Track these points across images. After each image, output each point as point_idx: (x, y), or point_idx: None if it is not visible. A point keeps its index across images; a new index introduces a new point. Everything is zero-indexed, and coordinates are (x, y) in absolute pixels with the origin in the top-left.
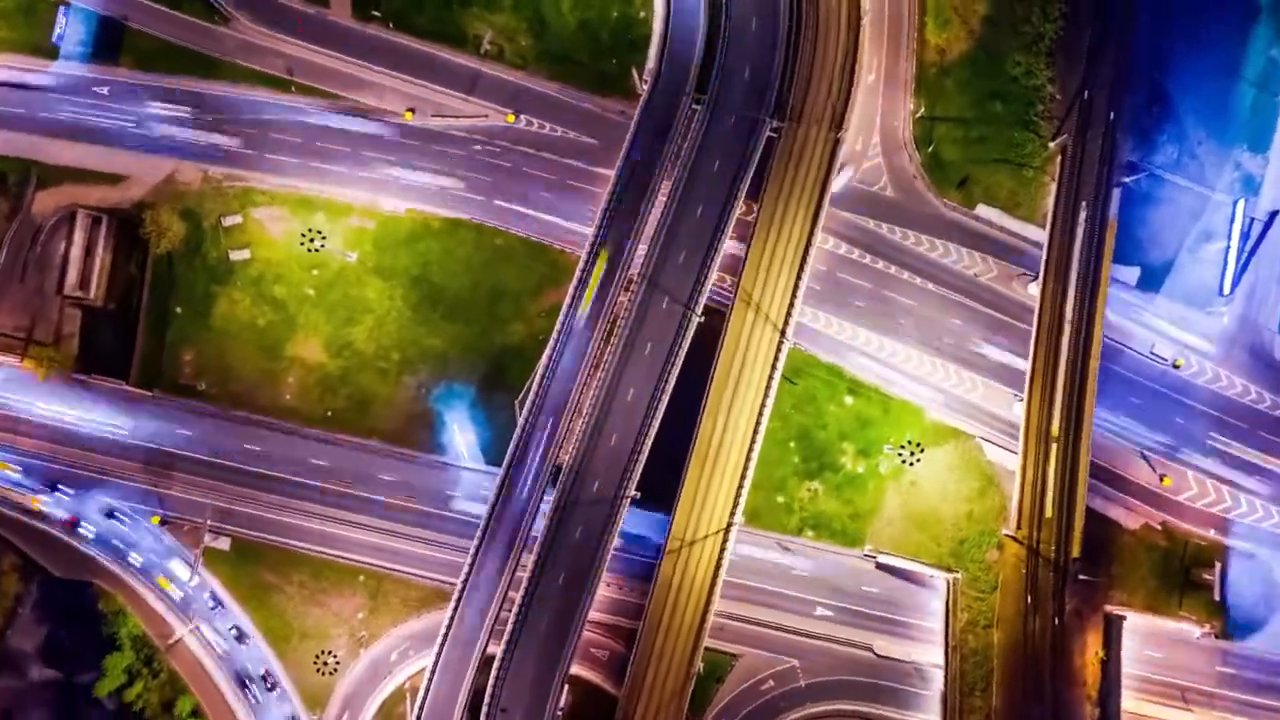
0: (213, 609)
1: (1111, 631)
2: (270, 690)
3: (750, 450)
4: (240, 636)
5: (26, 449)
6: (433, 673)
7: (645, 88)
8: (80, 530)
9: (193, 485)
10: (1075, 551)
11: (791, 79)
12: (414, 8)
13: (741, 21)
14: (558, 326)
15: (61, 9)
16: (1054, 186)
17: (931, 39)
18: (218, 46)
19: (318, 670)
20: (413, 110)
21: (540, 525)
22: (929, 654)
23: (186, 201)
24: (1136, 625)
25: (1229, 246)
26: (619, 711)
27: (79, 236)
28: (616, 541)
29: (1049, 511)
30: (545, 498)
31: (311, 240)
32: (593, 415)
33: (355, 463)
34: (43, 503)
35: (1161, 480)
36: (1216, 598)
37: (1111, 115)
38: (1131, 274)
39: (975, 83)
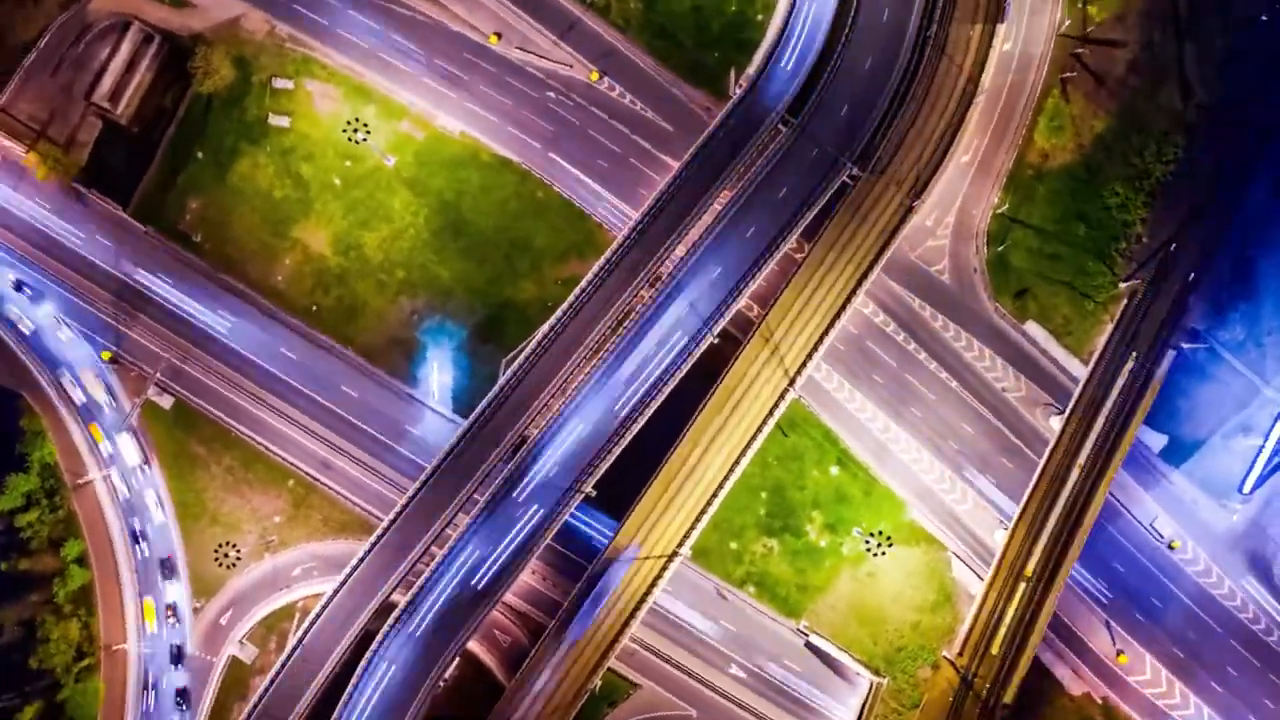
0: (135, 465)
1: None
2: (164, 563)
3: (721, 487)
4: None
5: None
6: (329, 601)
7: (738, 91)
8: (27, 338)
9: (153, 333)
10: (1009, 697)
11: (886, 131)
12: None
13: (856, 57)
14: (570, 299)
15: None
16: (1110, 327)
17: (1039, 140)
18: None
19: (216, 559)
20: (499, 35)
21: (486, 492)
22: None
23: (244, 50)
24: None
25: (1263, 447)
26: (501, 703)
27: (125, 48)
28: (552, 535)
29: (995, 648)
30: (500, 466)
31: (355, 130)
32: (576, 400)
33: (323, 366)
34: None
35: (1118, 655)
36: None
37: (1191, 276)
38: (1158, 441)
39: (1067, 198)
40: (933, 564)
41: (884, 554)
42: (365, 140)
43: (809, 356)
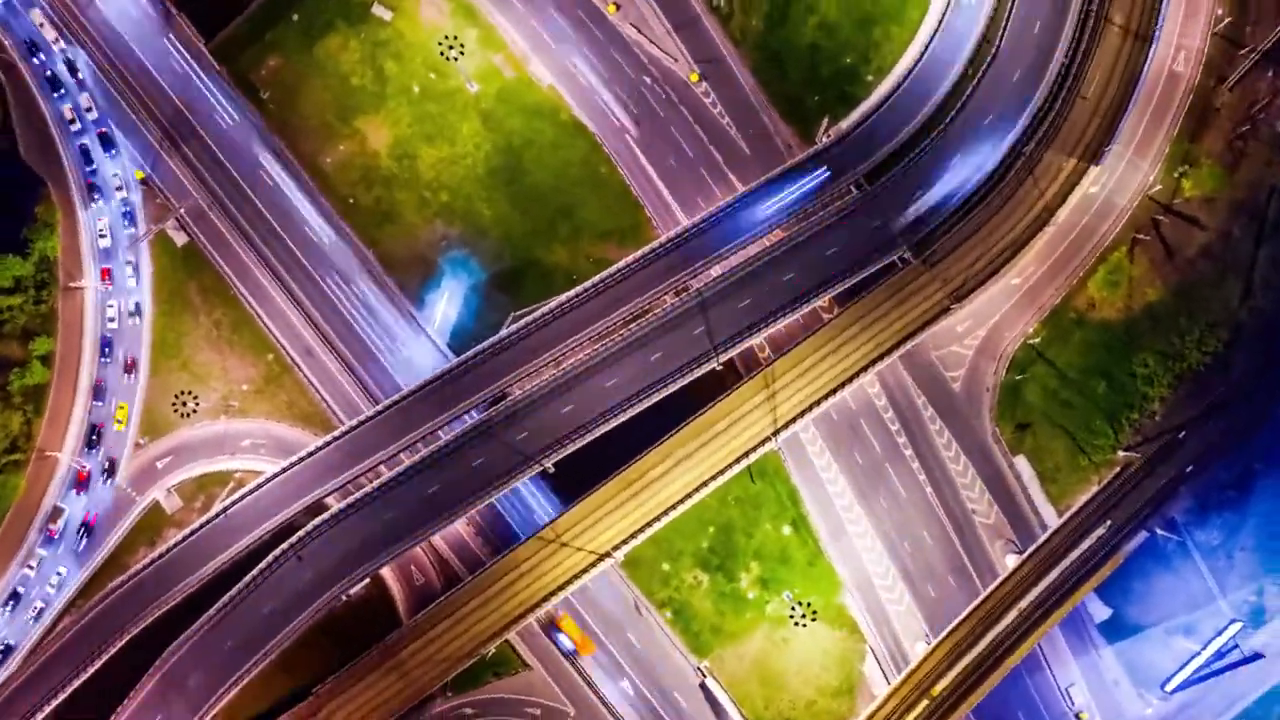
0: (129, 288)
1: None
2: (128, 376)
3: (675, 507)
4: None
5: (78, 32)
6: (267, 480)
7: (824, 141)
8: (68, 131)
9: (191, 170)
10: None
11: (951, 229)
12: None
13: (947, 148)
14: (596, 279)
15: None
16: (1095, 489)
17: (1091, 288)
18: None
19: (174, 405)
20: (618, 7)
21: (452, 432)
22: None
23: None
24: None
25: (1199, 654)
26: (394, 635)
27: None
28: (501, 496)
29: None
30: (473, 413)
31: (450, 48)
32: (567, 376)
33: (341, 257)
34: (58, 75)
35: None
36: None
37: (1189, 468)
38: (1102, 612)
39: (1100, 352)
40: (848, 652)
41: (805, 626)
42: (456, 60)
43: (802, 414)
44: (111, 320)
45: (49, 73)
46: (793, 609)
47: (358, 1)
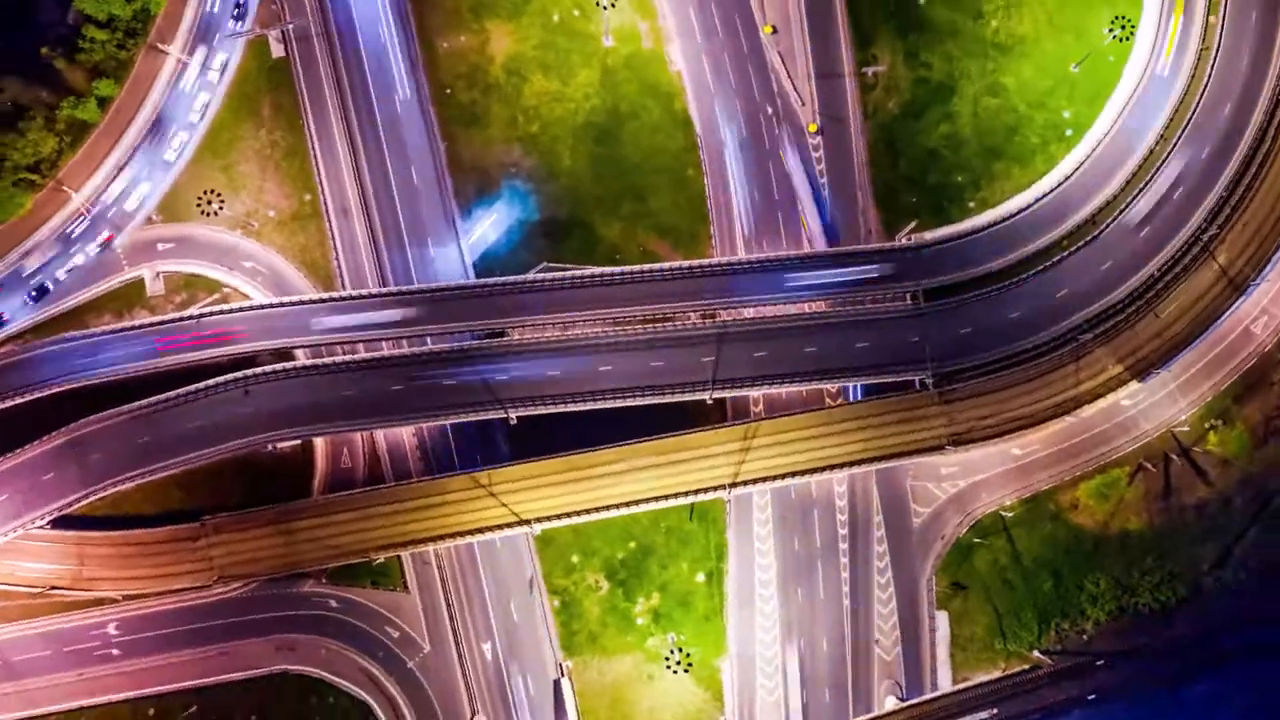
0: (209, 75)
1: None
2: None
3: (608, 510)
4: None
5: None
6: (249, 309)
7: (902, 242)
8: None
9: None
10: None
11: (979, 379)
12: None
13: (1009, 301)
14: (636, 268)
15: None
16: (996, 674)
17: (1081, 490)
18: None
19: (198, 200)
20: (775, 30)
21: (440, 344)
22: None
23: None
24: None
25: None
26: (296, 504)
27: None
28: (456, 423)
29: None
30: (466, 335)
31: None
32: (567, 344)
33: (415, 137)
34: None
35: None
36: None
37: (1090, 697)
38: None
39: (1060, 553)
40: (703, 715)
41: (676, 673)
42: (605, 10)
43: (765, 480)
44: (179, 96)
45: None
46: (671, 652)
47: None
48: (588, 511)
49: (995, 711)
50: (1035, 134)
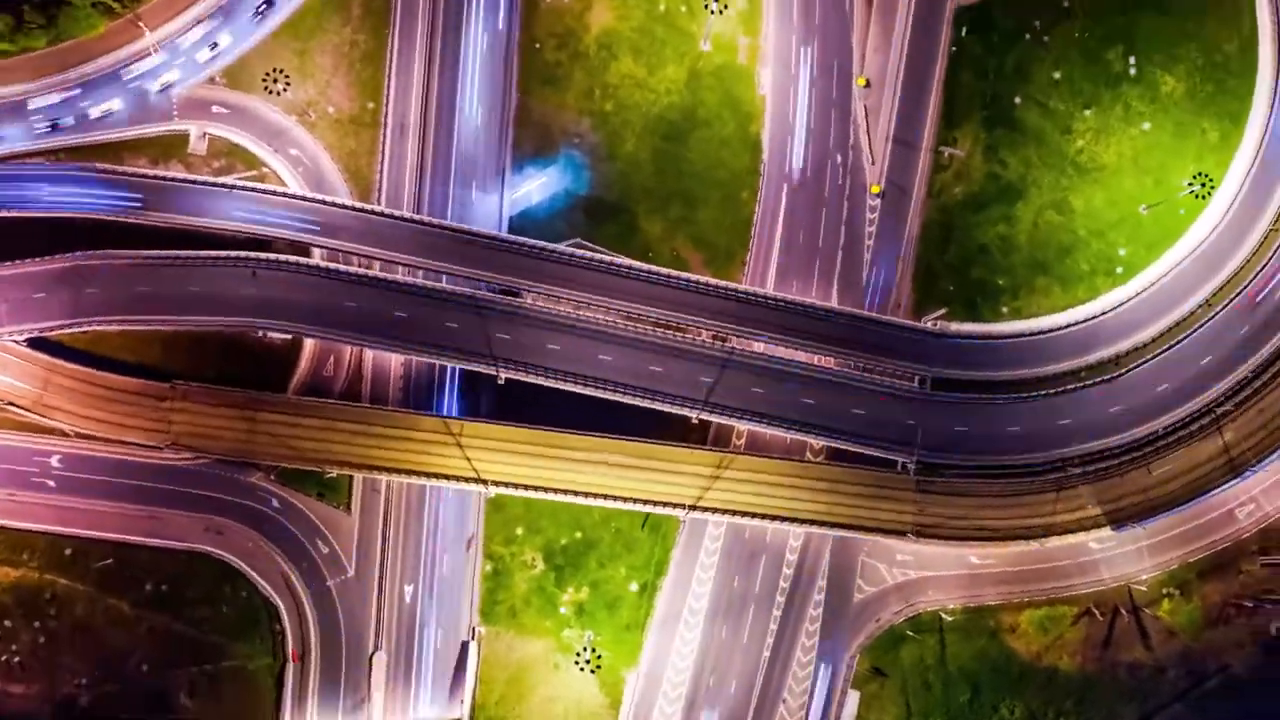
0: None
1: None
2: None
3: (565, 494)
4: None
5: None
6: (282, 195)
7: (926, 325)
8: None
9: None
10: None
11: (961, 479)
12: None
13: (1013, 413)
14: (662, 271)
15: None
16: None
17: (1023, 617)
18: None
19: (265, 75)
20: (869, 83)
21: (454, 286)
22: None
23: None
24: None
25: None
26: (267, 396)
27: None
28: (447, 366)
29: None
30: (481, 284)
31: (716, 0)
32: (576, 322)
33: (489, 80)
34: None
35: None
36: None
37: None
38: None
39: (987, 670)
40: (596, 718)
41: (582, 670)
42: (713, 15)
43: (724, 512)
44: None
45: None
46: (584, 649)
47: None
48: (546, 490)
49: None
50: (1087, 261)
